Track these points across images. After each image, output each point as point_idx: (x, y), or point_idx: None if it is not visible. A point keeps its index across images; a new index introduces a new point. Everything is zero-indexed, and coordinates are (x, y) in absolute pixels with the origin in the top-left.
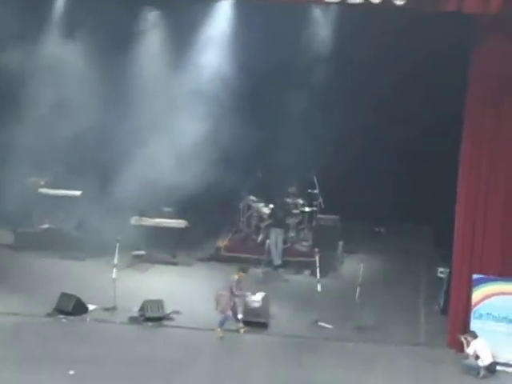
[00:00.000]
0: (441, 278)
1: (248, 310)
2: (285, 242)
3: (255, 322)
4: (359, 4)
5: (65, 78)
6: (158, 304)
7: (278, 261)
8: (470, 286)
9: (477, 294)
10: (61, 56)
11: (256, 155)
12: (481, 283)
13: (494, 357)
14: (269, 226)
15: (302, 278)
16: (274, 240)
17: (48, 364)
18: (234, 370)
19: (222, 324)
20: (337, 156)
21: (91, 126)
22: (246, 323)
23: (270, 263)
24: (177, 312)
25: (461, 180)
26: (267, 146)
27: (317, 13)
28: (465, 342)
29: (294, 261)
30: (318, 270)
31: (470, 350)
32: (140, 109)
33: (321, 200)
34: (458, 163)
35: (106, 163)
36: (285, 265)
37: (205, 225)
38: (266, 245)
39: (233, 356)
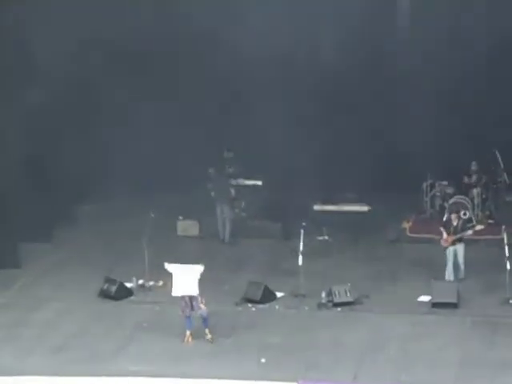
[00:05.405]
0: None
1: (436, 291)
2: (469, 221)
3: (444, 302)
4: None
5: None
6: (346, 288)
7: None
8: None
9: None
10: None
11: (434, 136)
12: None
13: None
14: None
15: (489, 256)
16: None
17: (239, 352)
18: (425, 351)
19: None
20: None
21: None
22: (435, 304)
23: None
24: (366, 296)
25: None
26: (447, 125)
27: None
28: None
29: (480, 239)
30: (506, 247)
31: None
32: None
33: (505, 176)
34: None
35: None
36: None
37: (388, 207)
38: None
39: (423, 338)
